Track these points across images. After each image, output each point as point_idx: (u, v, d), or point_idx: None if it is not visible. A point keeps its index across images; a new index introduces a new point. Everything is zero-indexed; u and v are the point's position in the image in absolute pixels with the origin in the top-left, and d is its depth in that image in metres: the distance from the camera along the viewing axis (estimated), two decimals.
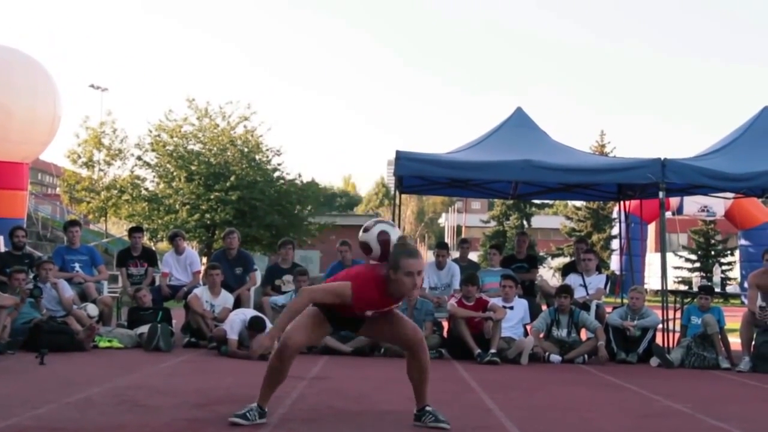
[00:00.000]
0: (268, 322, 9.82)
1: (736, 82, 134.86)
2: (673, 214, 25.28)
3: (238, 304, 11.05)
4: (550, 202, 52.31)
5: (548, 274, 35.14)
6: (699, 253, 38.00)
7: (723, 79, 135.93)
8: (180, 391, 6.96)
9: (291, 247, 12.10)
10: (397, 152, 11.22)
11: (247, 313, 10.05)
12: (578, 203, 42.57)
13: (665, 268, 11.55)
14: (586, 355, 10.34)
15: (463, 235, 40.26)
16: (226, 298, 10.95)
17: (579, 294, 11.28)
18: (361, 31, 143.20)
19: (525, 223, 46.13)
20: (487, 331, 10.24)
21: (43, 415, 5.76)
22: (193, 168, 26.68)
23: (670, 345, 11.09)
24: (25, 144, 15.36)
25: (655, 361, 10.33)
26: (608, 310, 11.52)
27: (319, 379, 8.25)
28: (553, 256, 44.01)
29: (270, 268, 12.25)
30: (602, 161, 13.86)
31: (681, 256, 37.62)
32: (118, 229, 36.55)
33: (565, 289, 10.71)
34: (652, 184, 11.29)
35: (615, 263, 29.11)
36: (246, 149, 27.89)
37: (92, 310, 10.63)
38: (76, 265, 11.70)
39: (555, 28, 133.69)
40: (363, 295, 5.36)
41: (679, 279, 34.41)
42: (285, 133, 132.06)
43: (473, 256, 16.67)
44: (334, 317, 5.58)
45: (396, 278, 5.31)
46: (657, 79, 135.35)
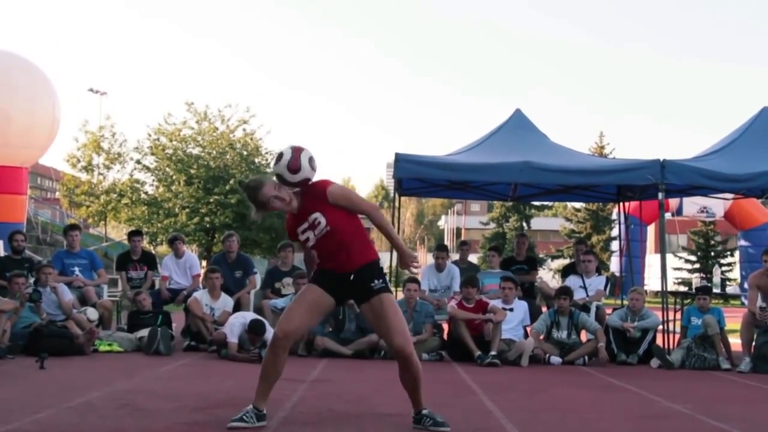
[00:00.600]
0: (267, 326, 9.82)
1: (735, 83, 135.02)
2: (673, 215, 25.29)
3: (237, 308, 11.04)
4: (550, 204, 52.23)
5: (548, 276, 35.17)
6: (699, 254, 38.00)
7: (722, 80, 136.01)
8: (180, 395, 6.96)
9: (291, 250, 12.07)
10: (397, 154, 11.22)
11: (247, 316, 10.05)
12: (578, 205, 42.58)
13: (665, 270, 11.55)
14: (587, 357, 10.33)
15: (463, 237, 40.26)
16: (226, 302, 10.95)
17: (579, 295, 11.27)
18: (360, 33, 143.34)
19: (524, 224, 46.14)
20: (487, 333, 10.24)
21: (43, 419, 5.75)
22: (193, 171, 26.71)
23: (671, 346, 11.08)
24: (25, 148, 15.38)
25: (655, 363, 10.32)
26: (608, 311, 11.51)
27: (319, 381, 8.25)
28: (553, 258, 44.03)
29: (270, 271, 12.24)
30: (601, 163, 13.87)
31: (681, 257, 37.62)
32: (117, 232, 36.62)
33: (565, 291, 10.70)
34: (651, 185, 11.30)
35: (615, 264, 29.11)
36: (245, 152, 27.93)
37: (92, 314, 10.62)
38: (76, 269, 11.68)
39: (554, 29, 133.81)
40: (287, 225, 5.89)
41: (679, 280, 34.39)
42: (284, 136, 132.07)
43: (473, 258, 16.66)
44: (330, 283, 5.66)
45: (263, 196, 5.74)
46: (656, 80, 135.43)
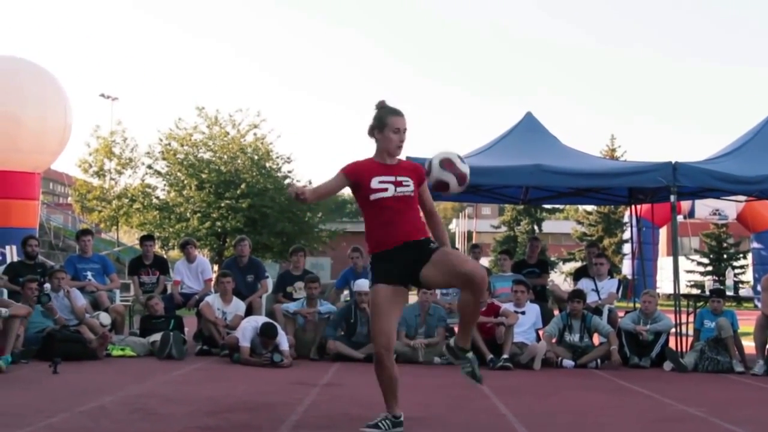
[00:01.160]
0: (279, 329, 9.84)
1: (748, 85, 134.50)
2: (685, 217, 25.24)
3: (249, 312, 11.06)
4: (561, 207, 52.06)
5: (560, 279, 35.04)
6: (711, 256, 37.85)
7: (734, 83, 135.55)
8: (192, 399, 6.97)
9: (302, 254, 12.10)
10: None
11: (259, 320, 10.06)
12: (589, 208, 42.46)
13: (677, 272, 11.52)
14: (599, 360, 10.30)
15: (474, 241, 40.25)
16: (238, 306, 10.97)
17: (591, 298, 11.24)
18: (369, 37, 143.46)
19: (536, 228, 46.02)
20: (500, 336, 10.23)
21: (57, 423, 5.77)
22: (204, 176, 26.76)
23: (684, 349, 11.05)
24: (36, 154, 15.42)
25: (668, 366, 10.29)
26: (620, 314, 11.49)
27: (332, 385, 8.25)
28: (565, 261, 43.88)
29: (281, 276, 12.26)
30: (613, 165, 13.84)
31: (693, 260, 37.48)
32: (129, 237, 36.66)
33: (578, 294, 10.68)
34: (663, 187, 11.26)
35: (627, 267, 29.07)
36: (256, 157, 27.96)
37: (105, 318, 10.65)
38: (89, 274, 11.72)
39: (565, 32, 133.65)
40: (352, 164, 5.60)
41: (692, 283, 34.24)
42: (295, 141, 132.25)
43: (484, 262, 16.64)
44: (397, 269, 5.49)
45: (382, 137, 5.57)
46: (667, 83, 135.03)
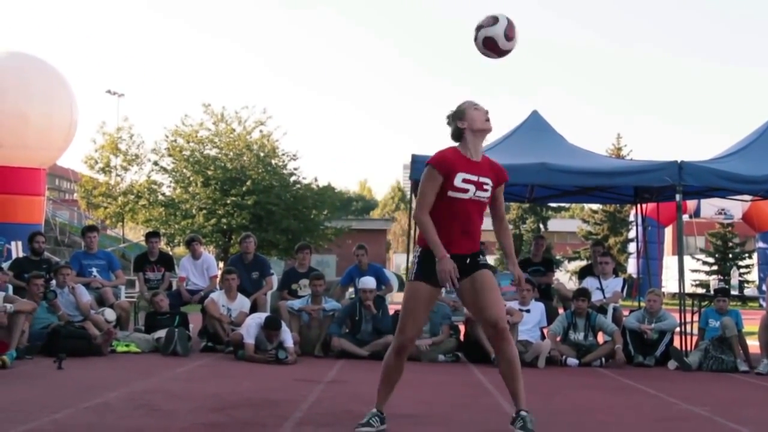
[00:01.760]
0: (283, 326, 9.84)
1: (754, 85, 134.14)
2: (690, 216, 25.16)
3: (254, 309, 11.07)
4: (567, 206, 52.10)
5: (565, 278, 35.05)
6: (716, 256, 37.83)
7: (740, 82, 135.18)
8: (197, 396, 6.98)
9: (308, 251, 12.10)
10: (413, 156, 11.21)
11: (263, 317, 10.06)
12: (595, 206, 42.45)
13: (682, 271, 11.50)
14: (604, 359, 10.29)
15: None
16: (243, 303, 10.98)
17: (596, 297, 11.23)
18: (376, 36, 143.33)
19: (541, 226, 46.04)
20: None
21: (61, 419, 5.78)
22: (210, 173, 26.79)
23: (688, 348, 11.04)
24: (42, 150, 15.44)
25: (672, 365, 10.28)
26: (625, 313, 11.48)
27: (336, 382, 8.25)
28: (570, 260, 43.89)
29: (286, 273, 12.27)
30: (619, 164, 13.82)
31: (698, 259, 37.46)
32: (135, 234, 36.77)
33: (583, 293, 10.67)
34: (668, 186, 11.24)
35: (632, 266, 29.03)
36: (262, 154, 27.99)
37: (110, 314, 10.66)
38: (94, 270, 11.73)
39: (570, 31, 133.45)
40: (439, 155, 5.53)
41: (697, 282, 34.23)
42: (301, 138, 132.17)
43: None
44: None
45: (466, 121, 5.54)
46: (674, 82, 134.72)
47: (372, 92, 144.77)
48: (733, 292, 12.05)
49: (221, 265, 17.89)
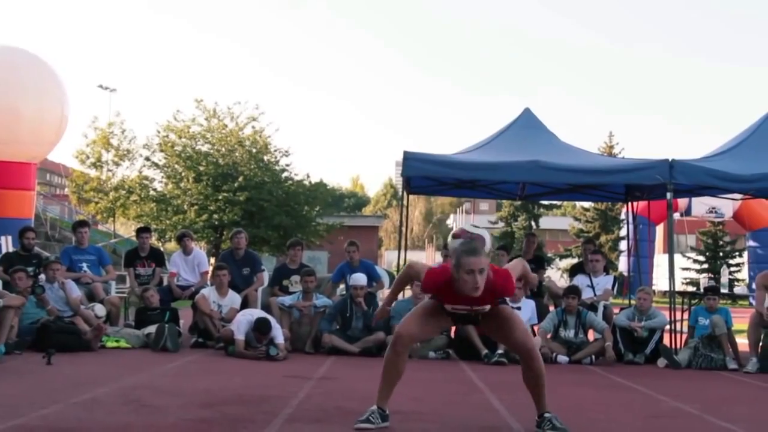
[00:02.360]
0: (274, 323, 9.84)
1: (745, 84, 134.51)
2: (681, 215, 25.25)
3: (245, 305, 11.05)
4: (558, 203, 52.25)
5: (556, 275, 35.09)
6: (707, 254, 37.88)
7: (731, 81, 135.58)
8: (187, 392, 6.97)
9: (299, 248, 12.09)
10: (405, 153, 11.21)
11: (254, 313, 10.06)
12: (586, 204, 42.45)
13: (673, 270, 11.52)
14: (594, 356, 10.31)
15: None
16: (234, 299, 10.96)
17: (586, 295, 11.25)
18: (369, 32, 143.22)
19: (533, 224, 46.04)
20: None
21: (50, 415, 5.77)
22: (202, 168, 26.73)
23: (678, 346, 11.07)
24: (33, 144, 15.38)
25: (662, 362, 10.31)
26: (616, 311, 11.50)
27: (327, 379, 8.25)
28: (561, 257, 43.92)
29: (278, 269, 12.26)
30: (610, 162, 13.85)
31: (689, 258, 37.51)
32: (126, 229, 36.67)
33: (573, 290, 10.70)
34: (660, 185, 11.26)
35: (623, 264, 29.07)
36: (254, 150, 27.93)
37: (100, 310, 10.64)
38: (84, 265, 11.71)
39: (563, 29, 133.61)
40: (431, 280, 5.59)
41: (687, 280, 34.29)
42: (293, 134, 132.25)
43: None
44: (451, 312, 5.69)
45: (459, 277, 5.38)
46: (665, 80, 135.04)
47: (365, 89, 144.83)
48: (723, 291, 12.09)
49: (212, 260, 17.89)
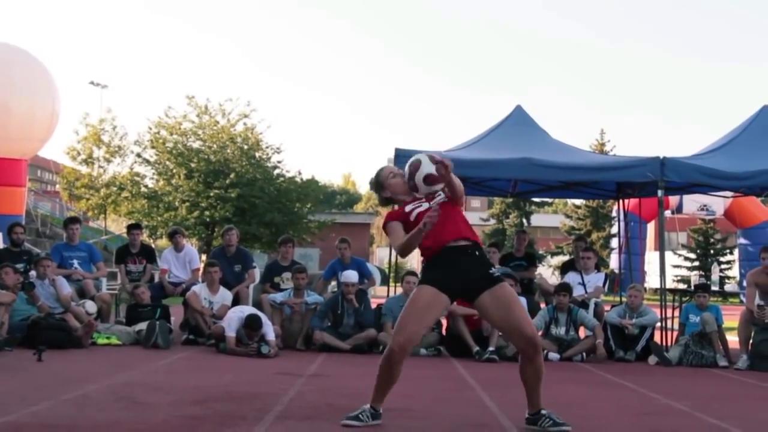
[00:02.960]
0: (265, 320, 9.83)
1: (736, 82, 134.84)
2: (673, 212, 25.25)
3: (236, 302, 11.05)
4: (550, 201, 52.32)
5: (547, 273, 35.15)
6: (698, 251, 38.02)
7: (722, 79, 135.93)
8: (178, 388, 6.96)
9: (291, 245, 12.08)
10: (397, 150, 11.20)
11: (246, 310, 10.05)
12: (578, 201, 42.58)
13: (664, 267, 11.55)
14: (585, 353, 10.33)
15: None
16: (225, 296, 10.95)
17: (578, 292, 11.27)
18: (361, 29, 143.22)
19: (524, 221, 46.18)
20: (486, 328, 10.24)
21: (40, 411, 5.75)
22: (193, 165, 26.68)
23: (668, 343, 11.09)
24: (24, 140, 15.34)
25: (653, 360, 10.33)
26: (607, 308, 11.52)
27: (317, 376, 8.25)
28: (553, 255, 44.06)
29: (269, 266, 12.25)
30: (602, 159, 13.85)
31: (680, 255, 37.62)
32: (117, 226, 36.55)
33: (564, 287, 10.71)
34: (651, 182, 11.28)
35: (614, 261, 29.11)
36: (246, 147, 27.88)
37: (90, 306, 10.62)
38: (75, 262, 11.68)
39: (555, 27, 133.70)
40: (392, 212, 5.71)
41: (678, 278, 34.41)
42: (285, 131, 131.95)
43: None
44: (447, 272, 5.49)
45: (389, 190, 5.79)
46: (657, 78, 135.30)
47: (356, 86, 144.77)
48: (714, 288, 12.13)
49: (204, 257, 17.86)
